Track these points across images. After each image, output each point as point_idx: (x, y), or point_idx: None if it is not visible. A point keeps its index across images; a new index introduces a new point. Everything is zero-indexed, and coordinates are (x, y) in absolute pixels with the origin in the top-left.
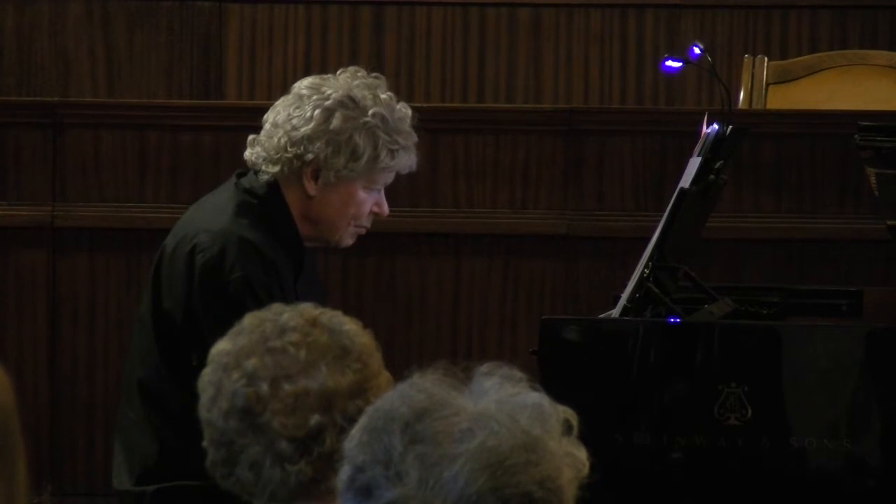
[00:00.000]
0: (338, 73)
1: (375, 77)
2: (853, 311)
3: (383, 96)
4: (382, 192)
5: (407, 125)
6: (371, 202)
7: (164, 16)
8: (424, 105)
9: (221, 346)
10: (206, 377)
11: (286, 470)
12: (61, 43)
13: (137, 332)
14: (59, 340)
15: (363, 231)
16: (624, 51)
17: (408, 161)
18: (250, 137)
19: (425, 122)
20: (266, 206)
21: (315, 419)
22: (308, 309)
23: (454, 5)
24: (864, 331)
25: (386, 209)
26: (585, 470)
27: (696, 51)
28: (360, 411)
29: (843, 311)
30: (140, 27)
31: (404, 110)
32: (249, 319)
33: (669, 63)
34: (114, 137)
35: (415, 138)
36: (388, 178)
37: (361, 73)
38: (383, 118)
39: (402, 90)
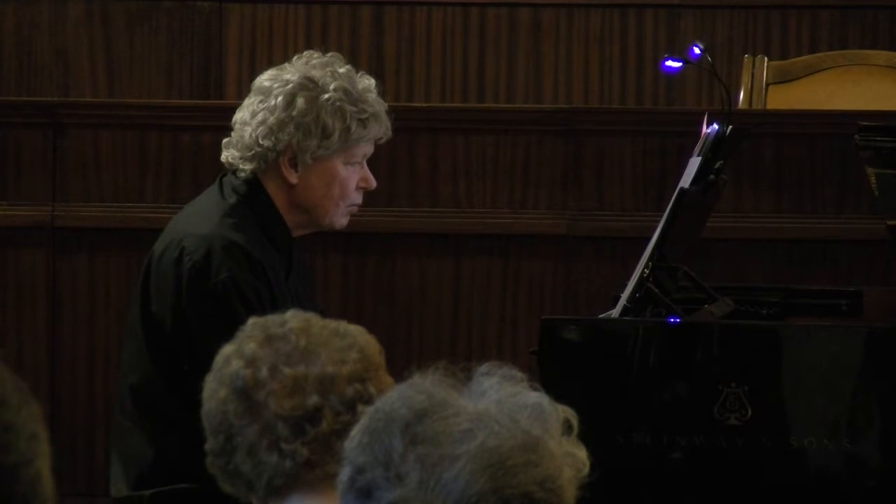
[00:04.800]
0: (293, 59)
1: (331, 55)
2: (853, 311)
3: (341, 70)
4: (366, 166)
5: (372, 94)
6: (356, 177)
7: (164, 16)
8: (424, 105)
9: (224, 349)
10: (209, 376)
11: (282, 451)
12: (61, 43)
13: (128, 338)
14: (59, 340)
15: (355, 209)
16: (624, 51)
17: (381, 129)
18: (224, 140)
19: (425, 122)
20: (250, 203)
21: (313, 400)
22: (313, 315)
23: (454, 5)
24: (864, 331)
25: (373, 181)
26: (585, 469)
27: (696, 51)
28: (358, 395)
29: (843, 311)
30: (140, 27)
31: (366, 80)
32: (251, 320)
33: (669, 63)
34: (114, 137)
35: (383, 105)
36: (367, 149)
37: (317, 54)
38: (346, 91)
39: (402, 90)
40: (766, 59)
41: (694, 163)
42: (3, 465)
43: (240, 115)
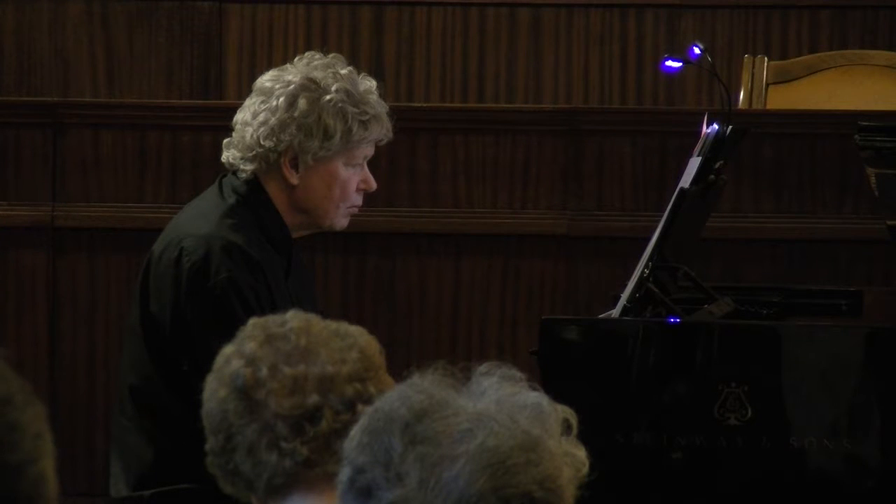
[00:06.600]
0: (295, 60)
1: (333, 57)
2: (853, 311)
3: (343, 72)
4: (366, 167)
5: (374, 95)
6: (356, 179)
7: (164, 16)
8: (424, 105)
9: (225, 349)
10: (209, 376)
11: (281, 450)
12: (61, 43)
13: (128, 339)
14: (59, 340)
15: (356, 210)
16: (624, 51)
17: (382, 130)
18: (225, 141)
19: (425, 122)
20: (250, 204)
21: (312, 399)
22: (313, 315)
23: (454, 5)
24: (864, 331)
25: (373, 183)
26: (585, 469)
27: (696, 51)
28: (358, 395)
29: (843, 311)
30: (140, 27)
31: (367, 82)
32: (252, 320)
33: (669, 63)
34: (114, 137)
35: (384, 106)
36: (368, 151)
37: (318, 55)
38: (347, 92)
39: (402, 90)
40: (766, 59)
41: (694, 163)
42: (9, 463)
43: (241, 116)
